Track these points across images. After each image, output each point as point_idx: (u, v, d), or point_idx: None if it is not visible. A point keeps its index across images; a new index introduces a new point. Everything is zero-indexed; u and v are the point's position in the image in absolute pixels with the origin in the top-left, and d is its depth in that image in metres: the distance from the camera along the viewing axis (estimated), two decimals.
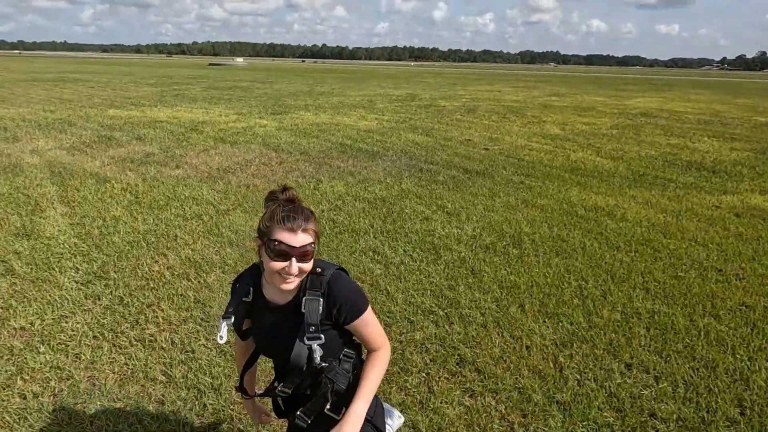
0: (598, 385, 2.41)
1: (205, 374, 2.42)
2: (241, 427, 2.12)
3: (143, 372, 2.42)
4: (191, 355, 2.56)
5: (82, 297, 3.09)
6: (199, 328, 2.81)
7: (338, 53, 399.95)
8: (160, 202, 4.94)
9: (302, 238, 1.17)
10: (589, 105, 17.51)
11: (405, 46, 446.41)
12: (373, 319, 1.30)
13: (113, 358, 2.52)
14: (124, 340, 2.67)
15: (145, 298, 3.10)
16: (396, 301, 3.15)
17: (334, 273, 1.26)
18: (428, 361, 2.57)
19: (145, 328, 2.78)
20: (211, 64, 63.63)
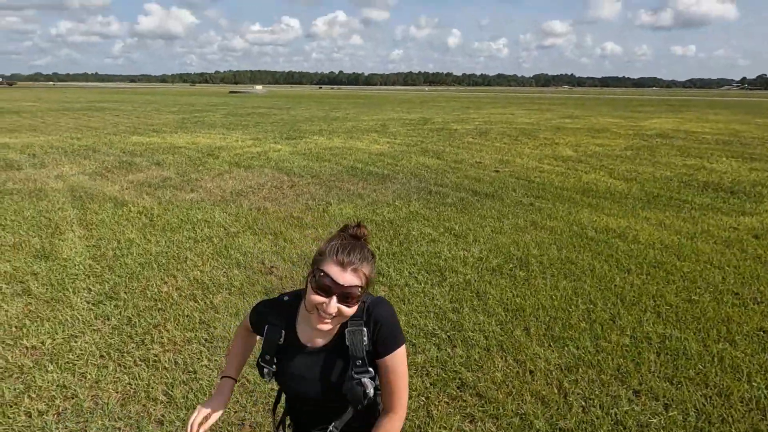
0: (604, 412, 2.33)
1: (205, 395, 2.43)
2: None
3: (145, 392, 2.45)
4: (193, 376, 2.59)
5: (92, 317, 3.17)
6: (202, 348, 2.84)
7: (354, 80, 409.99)
8: (173, 225, 5.08)
9: (350, 278, 1.08)
10: (603, 126, 17.42)
11: (420, 72, 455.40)
12: (404, 363, 1.18)
13: (117, 378, 2.56)
14: (129, 359, 2.72)
15: (152, 319, 3.16)
16: None
17: (374, 299, 1.19)
18: (428, 385, 2.53)
19: (150, 348, 2.82)
20: (231, 92, 65.91)
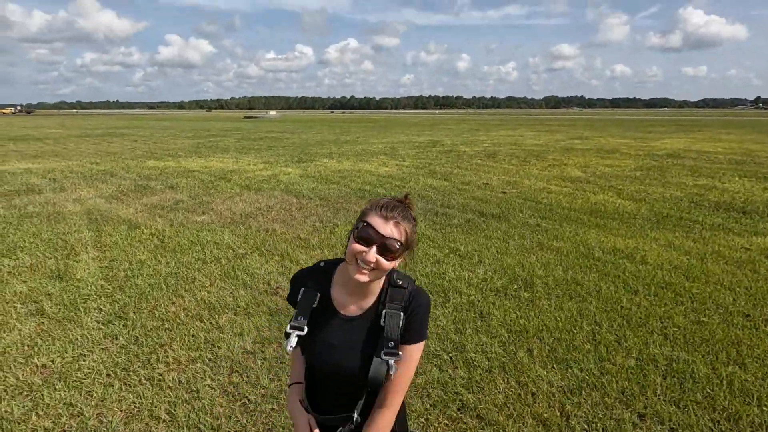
0: None
1: (207, 414, 2.46)
2: None
3: (149, 410, 2.49)
4: (195, 395, 2.62)
5: (101, 336, 3.24)
6: (206, 368, 2.88)
7: (366, 104, 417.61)
8: (184, 246, 5.19)
9: (391, 230, 1.12)
10: (612, 147, 17.39)
11: (430, 95, 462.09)
12: (415, 363, 1.19)
13: (122, 396, 2.61)
14: (135, 378, 2.77)
15: (159, 338, 3.22)
16: None
17: (417, 288, 1.22)
18: (428, 406, 2.52)
19: (155, 367, 2.87)
20: (245, 117, 67.67)
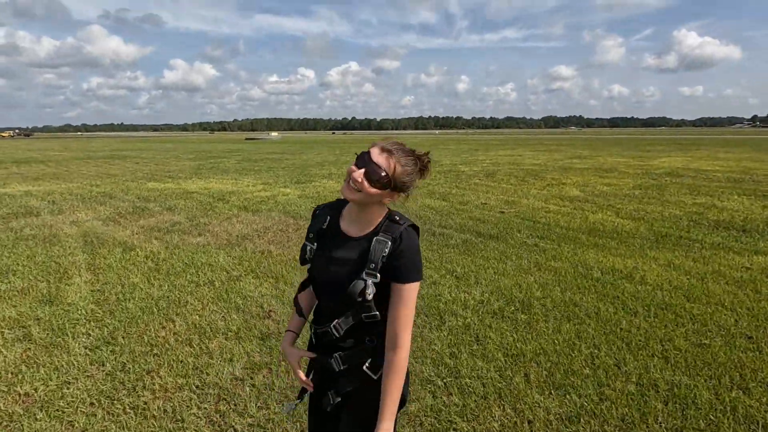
0: None
1: None
2: None
3: None
4: (180, 425, 2.53)
5: (87, 363, 3.17)
6: (192, 396, 2.79)
7: (367, 125, 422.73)
8: (177, 269, 5.14)
9: (381, 159, 1.26)
10: (611, 166, 17.46)
11: (430, 116, 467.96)
12: (412, 302, 1.28)
13: (105, 427, 2.52)
14: (119, 407, 2.68)
15: (147, 364, 3.14)
16: None
17: (410, 228, 1.31)
18: None
19: (141, 395, 2.79)
20: (247, 139, 68.41)
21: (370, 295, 1.25)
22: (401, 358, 1.28)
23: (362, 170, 1.25)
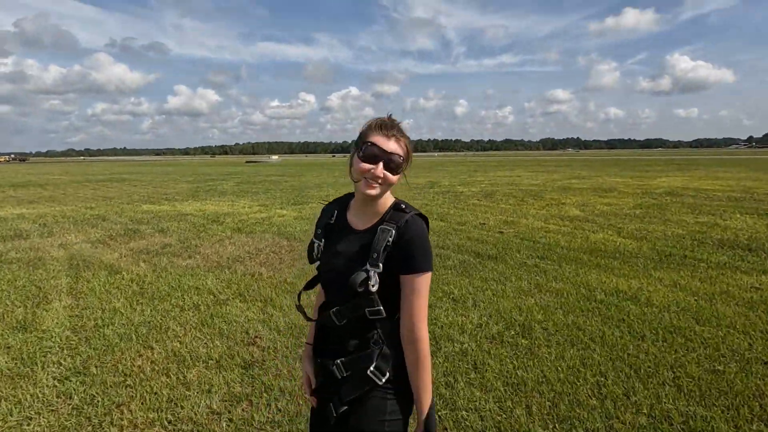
0: None
1: None
2: None
3: None
4: None
5: (53, 395, 2.93)
6: None
7: None
8: (162, 293, 4.93)
9: (394, 146, 1.24)
10: (610, 186, 17.38)
11: (429, 139, 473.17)
12: (426, 293, 1.23)
13: None
14: None
15: (117, 396, 2.91)
16: None
17: (416, 215, 1.27)
18: None
19: None
20: (247, 162, 68.84)
21: (373, 286, 1.19)
22: (422, 351, 1.23)
23: (380, 165, 1.22)
